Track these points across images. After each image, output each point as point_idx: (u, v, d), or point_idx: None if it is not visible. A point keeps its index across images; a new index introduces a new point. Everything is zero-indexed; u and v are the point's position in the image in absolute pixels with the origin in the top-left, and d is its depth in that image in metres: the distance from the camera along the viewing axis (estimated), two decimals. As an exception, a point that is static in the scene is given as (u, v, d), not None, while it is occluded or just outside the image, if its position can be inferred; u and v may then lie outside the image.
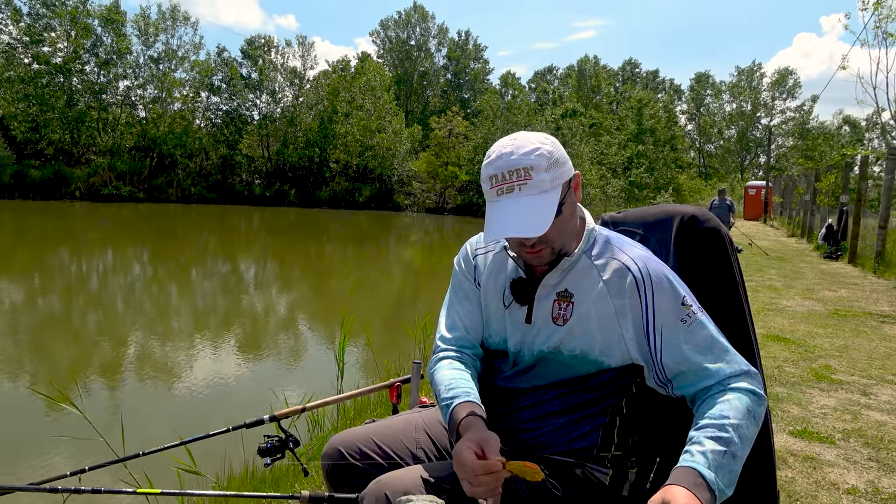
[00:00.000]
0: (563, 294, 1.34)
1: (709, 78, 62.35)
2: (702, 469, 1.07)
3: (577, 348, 1.32)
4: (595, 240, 1.38)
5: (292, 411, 1.90)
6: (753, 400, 1.21)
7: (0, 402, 5.23)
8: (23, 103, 32.05)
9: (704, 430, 1.14)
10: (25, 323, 8.16)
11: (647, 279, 1.29)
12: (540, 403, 1.37)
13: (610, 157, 42.60)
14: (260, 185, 39.77)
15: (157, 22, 36.83)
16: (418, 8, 58.37)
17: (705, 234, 1.44)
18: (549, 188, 1.26)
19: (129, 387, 5.78)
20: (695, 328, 1.26)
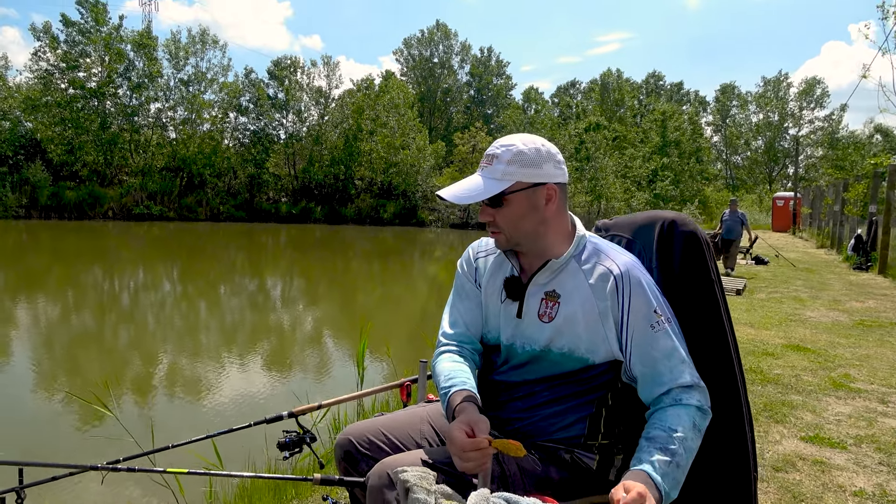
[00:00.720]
0: (551, 294, 1.47)
1: (734, 89, 61.83)
2: (650, 472, 1.21)
3: (566, 346, 1.45)
4: (585, 246, 1.50)
5: (310, 408, 2.04)
6: (699, 415, 1.35)
7: (39, 409, 5.47)
8: (59, 127, 33.14)
9: (653, 441, 1.29)
10: (61, 337, 8.47)
11: (627, 284, 1.41)
12: (531, 395, 1.50)
13: (634, 170, 42.41)
14: (287, 202, 40.41)
15: (187, 45, 37.86)
16: (441, 26, 59.08)
17: (683, 237, 1.56)
18: (500, 178, 1.43)
19: (159, 394, 5.99)
20: (660, 335, 1.39)
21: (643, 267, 1.49)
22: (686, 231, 1.56)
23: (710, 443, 1.47)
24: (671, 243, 1.56)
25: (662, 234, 1.58)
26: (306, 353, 8.32)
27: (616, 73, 60.32)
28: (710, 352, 1.51)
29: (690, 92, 66.32)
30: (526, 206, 1.45)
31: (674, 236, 1.57)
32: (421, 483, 1.18)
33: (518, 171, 1.42)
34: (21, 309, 10.33)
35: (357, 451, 1.57)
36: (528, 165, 1.43)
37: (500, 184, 1.42)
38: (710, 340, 1.51)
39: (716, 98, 63.19)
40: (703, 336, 1.51)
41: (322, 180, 40.89)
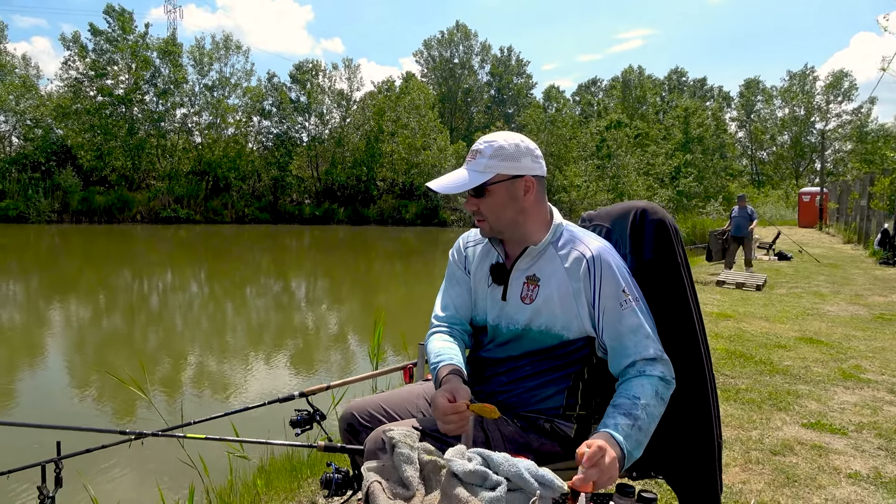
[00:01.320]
0: (532, 277, 1.63)
1: (759, 83, 60.84)
2: (613, 433, 1.35)
3: (543, 325, 1.60)
4: (562, 233, 1.66)
5: (318, 388, 2.20)
6: (662, 385, 1.48)
7: (74, 393, 5.75)
8: (88, 133, 33.98)
9: (618, 407, 1.42)
10: (93, 335, 8.79)
11: (599, 267, 1.56)
12: (514, 370, 1.65)
13: (657, 167, 42.06)
14: (310, 204, 40.88)
15: (212, 52, 38.53)
16: (461, 27, 59.19)
17: (652, 224, 1.69)
18: (483, 170, 1.58)
19: (186, 382, 6.23)
20: (627, 313, 1.53)
21: (615, 251, 1.63)
22: (655, 219, 1.69)
23: (676, 413, 1.60)
24: (642, 231, 1.70)
25: (635, 222, 1.72)
26: (327, 346, 8.53)
27: (638, 70, 59.84)
28: (677, 330, 1.63)
29: (714, 88, 65.52)
30: (506, 197, 1.60)
31: (645, 224, 1.70)
32: (405, 440, 1.33)
33: (498, 164, 1.57)
34: (55, 310, 10.72)
35: (358, 423, 1.74)
36: (508, 159, 1.58)
37: (483, 175, 1.57)
38: (677, 320, 1.64)
39: (740, 93, 62.26)
40: (671, 316, 1.64)
41: (344, 182, 41.30)
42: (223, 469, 3.24)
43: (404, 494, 1.24)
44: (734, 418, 3.64)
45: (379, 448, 1.44)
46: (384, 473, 1.29)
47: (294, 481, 2.99)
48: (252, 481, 3.02)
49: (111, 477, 3.91)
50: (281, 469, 3.15)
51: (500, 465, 1.24)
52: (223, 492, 3.04)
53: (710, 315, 7.30)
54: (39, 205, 30.03)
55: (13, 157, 32.69)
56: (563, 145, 41.84)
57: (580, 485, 1.25)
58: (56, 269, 16.71)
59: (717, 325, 6.71)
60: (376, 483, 1.24)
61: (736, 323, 6.84)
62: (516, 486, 1.22)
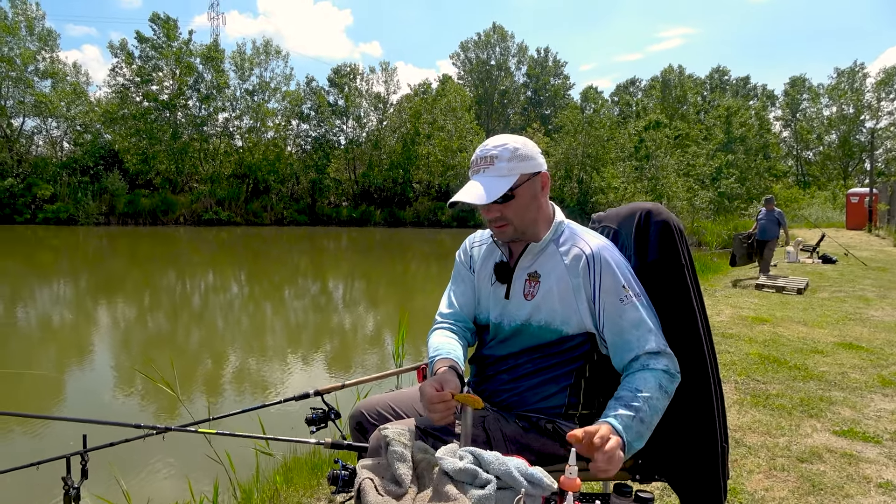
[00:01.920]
0: (533, 274, 1.65)
1: (805, 82, 59.08)
2: (613, 423, 1.36)
3: (543, 320, 1.61)
4: (563, 231, 1.68)
5: (333, 387, 2.24)
6: (665, 377, 1.48)
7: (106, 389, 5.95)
8: (134, 137, 35.04)
9: (620, 399, 1.43)
10: (137, 334, 9.07)
11: (598, 263, 1.57)
12: (515, 367, 1.66)
13: (697, 168, 41.23)
14: (347, 206, 41.36)
15: (252, 57, 39.33)
16: (497, 28, 59.09)
17: (657, 226, 1.68)
18: (506, 174, 1.57)
19: (222, 380, 6.39)
20: (629, 308, 1.54)
21: (615, 249, 1.64)
22: (659, 220, 1.68)
23: (679, 415, 1.58)
24: (647, 232, 1.69)
25: (640, 223, 1.71)
26: (360, 346, 8.62)
27: (678, 70, 58.79)
28: (680, 332, 1.62)
29: (757, 86, 63.87)
30: (529, 196, 1.61)
31: (649, 225, 1.69)
32: (398, 438, 1.35)
33: (519, 164, 1.58)
34: (101, 309, 11.09)
35: (367, 421, 1.77)
36: (526, 158, 1.59)
37: (510, 179, 1.57)
38: (680, 322, 1.62)
39: (785, 92, 60.53)
40: (674, 318, 1.62)
41: (381, 184, 41.66)
42: (250, 464, 3.32)
43: (396, 492, 1.26)
44: (762, 424, 3.56)
45: (381, 446, 1.46)
46: (377, 471, 1.32)
47: (314, 478, 3.05)
48: (273, 477, 3.09)
49: (138, 471, 4.04)
50: (303, 466, 3.22)
51: (491, 463, 1.25)
52: (246, 487, 3.12)
53: (745, 319, 7.14)
54: (88, 207, 31.08)
55: (64, 161, 33.93)
56: (600, 146, 41.37)
57: (593, 470, 1.27)
58: (103, 269, 17.28)
59: (752, 329, 6.56)
60: (367, 480, 1.27)
61: (772, 327, 6.68)
62: (506, 485, 1.23)
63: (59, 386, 6.38)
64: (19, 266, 17.12)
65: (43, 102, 32.83)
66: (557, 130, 45.08)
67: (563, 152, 41.89)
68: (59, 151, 35.90)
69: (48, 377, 6.58)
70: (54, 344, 8.34)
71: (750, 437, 3.38)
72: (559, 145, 42.48)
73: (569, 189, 41.96)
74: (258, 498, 2.95)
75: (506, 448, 1.55)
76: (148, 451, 4.12)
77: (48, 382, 6.42)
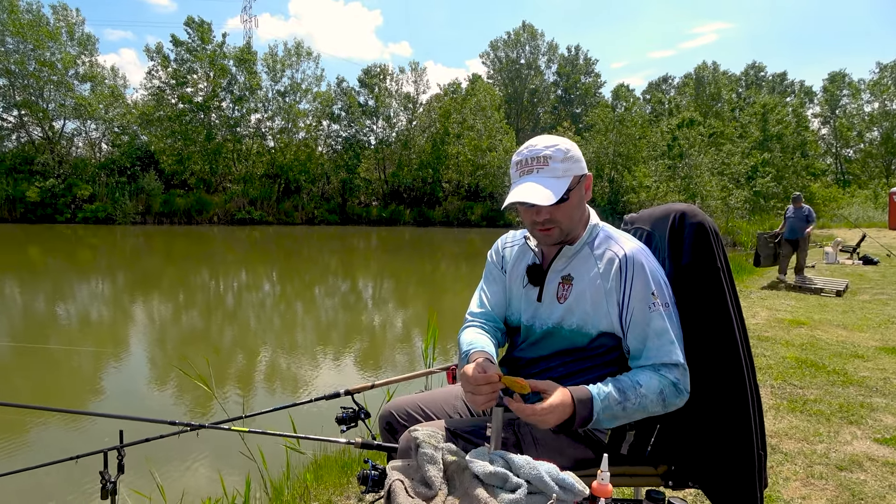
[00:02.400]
0: (566, 277, 1.63)
1: (844, 77, 57.51)
2: (594, 394, 1.40)
3: (574, 323, 1.60)
4: (598, 234, 1.65)
5: (363, 387, 2.25)
6: (670, 389, 1.47)
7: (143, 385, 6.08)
8: (170, 139, 35.78)
9: (618, 382, 1.45)
10: (171, 333, 9.25)
11: (631, 268, 1.55)
12: (547, 371, 1.64)
13: (732, 166, 40.44)
14: (377, 206, 41.60)
15: (284, 59, 39.80)
16: (527, 27, 58.79)
17: (691, 228, 1.65)
18: (561, 175, 1.55)
19: (254, 376, 6.48)
20: (654, 316, 1.51)
21: (650, 254, 1.61)
22: (694, 222, 1.65)
23: (715, 422, 1.55)
24: (681, 234, 1.66)
25: (674, 225, 1.68)
26: (389, 346, 8.67)
27: (712, 66, 57.76)
28: (716, 337, 1.58)
29: (795, 82, 62.44)
30: (578, 198, 1.61)
31: (684, 228, 1.66)
32: (429, 440, 1.35)
33: (572, 165, 1.57)
34: (137, 306, 11.35)
35: (396, 421, 1.78)
36: (577, 160, 1.59)
37: (564, 181, 1.55)
38: (716, 326, 1.59)
39: (824, 88, 59.04)
40: (709, 322, 1.59)
41: (411, 184, 41.81)
42: (280, 461, 3.36)
43: (426, 494, 1.26)
44: (799, 430, 3.47)
45: (410, 448, 1.47)
46: (407, 472, 1.32)
47: (343, 476, 3.07)
48: (303, 475, 3.12)
49: (172, 466, 4.12)
50: (332, 464, 3.25)
51: (522, 467, 1.24)
52: (277, 483, 3.16)
53: (782, 322, 6.99)
54: (125, 207, 31.80)
55: (102, 162, 34.80)
56: (632, 145, 40.86)
57: (508, 384, 1.37)
58: (140, 267, 17.67)
59: (788, 332, 6.41)
60: (398, 482, 1.27)
61: (810, 330, 6.52)
62: (537, 490, 1.22)
63: (95, 380, 6.55)
64: (62, 263, 17.61)
65: (82, 105, 33.71)
66: (588, 129, 44.66)
67: (593, 151, 41.47)
68: (97, 153, 36.82)
69: (87, 373, 6.75)
70: (92, 338, 8.55)
71: (786, 443, 3.30)
72: (590, 144, 42.08)
73: (599, 188, 41.55)
74: (289, 495, 2.98)
75: (536, 451, 1.54)
76: (182, 446, 4.19)
77: (85, 376, 6.60)
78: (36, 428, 4.94)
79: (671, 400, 1.47)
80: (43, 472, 2.13)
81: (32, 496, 3.72)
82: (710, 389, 1.58)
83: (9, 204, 29.86)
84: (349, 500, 2.91)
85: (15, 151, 32.92)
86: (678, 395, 1.48)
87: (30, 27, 31.52)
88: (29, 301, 11.49)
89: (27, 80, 32.41)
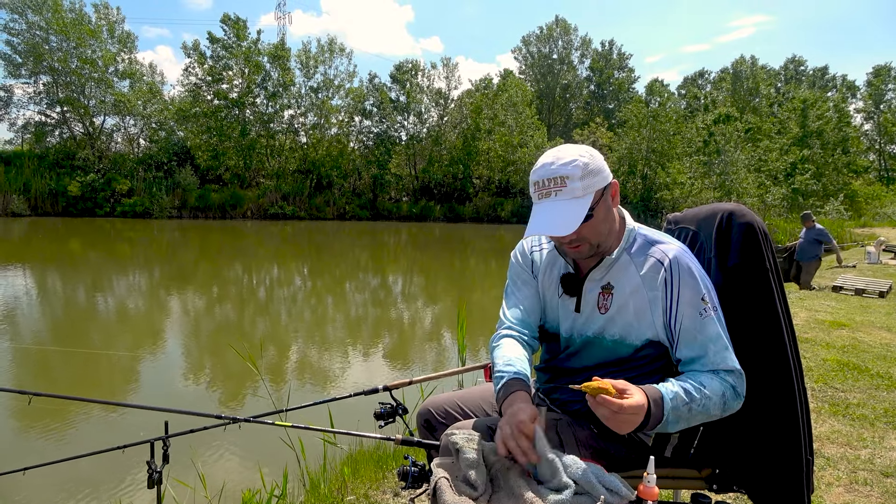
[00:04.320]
0: (606, 287, 1.58)
1: (890, 71, 55.70)
2: (666, 396, 1.35)
3: (617, 334, 1.56)
4: (635, 238, 1.59)
5: (402, 383, 2.27)
6: (730, 392, 1.43)
7: (184, 377, 6.22)
8: (205, 135, 36.41)
9: (683, 382, 1.40)
10: (206, 326, 9.44)
11: (677, 274, 1.49)
12: None
13: (770, 163, 39.57)
14: (408, 202, 41.74)
15: (317, 55, 40.15)
16: (560, 21, 58.27)
17: (740, 228, 1.62)
18: (581, 195, 1.46)
19: (291, 370, 6.58)
20: (707, 322, 1.47)
21: (692, 255, 1.55)
22: (743, 223, 1.62)
23: (762, 427, 1.52)
24: (729, 235, 1.63)
25: (721, 226, 1.64)
26: (420, 341, 8.72)
27: (750, 61, 56.54)
28: (764, 340, 1.55)
29: (836, 77, 60.68)
30: (604, 211, 1.53)
31: (731, 228, 1.62)
32: (468, 445, 1.36)
33: (592, 180, 1.48)
34: (173, 299, 11.60)
35: (434, 419, 1.79)
36: (597, 172, 1.49)
37: (585, 200, 1.47)
38: (764, 329, 1.56)
39: (867, 82, 57.24)
40: (757, 325, 1.56)
41: (441, 180, 41.85)
42: (316, 454, 3.41)
43: (471, 493, 1.27)
44: (841, 435, 3.39)
45: (449, 448, 1.47)
46: (452, 470, 1.33)
47: (379, 471, 3.11)
48: (340, 468, 3.16)
49: (214, 456, 4.21)
50: (368, 459, 3.29)
51: (569, 466, 1.24)
52: (314, 476, 3.21)
53: (822, 323, 6.82)
54: (162, 201, 32.48)
55: (140, 157, 35.57)
56: (666, 141, 40.24)
57: (592, 391, 1.30)
58: (176, 260, 18.05)
59: (829, 334, 6.26)
60: (443, 479, 1.28)
61: (851, 332, 6.35)
62: (583, 490, 1.22)
63: (140, 371, 6.72)
64: (101, 256, 18.08)
65: (122, 102, 34.49)
66: (621, 125, 44.14)
67: (626, 147, 40.99)
68: (135, 148, 37.62)
69: (128, 365, 6.93)
70: (133, 332, 8.77)
71: (829, 447, 3.23)
72: (623, 140, 41.61)
73: (632, 185, 41.06)
74: (326, 488, 3.02)
75: (579, 453, 1.53)
76: (221, 437, 4.29)
77: (130, 368, 6.77)
78: (78, 419, 5.10)
79: (731, 404, 1.43)
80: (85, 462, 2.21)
81: (79, 485, 3.84)
82: (758, 393, 1.55)
83: (52, 198, 30.75)
84: (385, 495, 2.94)
85: (58, 147, 33.84)
86: (736, 399, 1.44)
87: (73, 26, 32.34)
88: (71, 294, 11.83)
89: (69, 78, 33.26)
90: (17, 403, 5.22)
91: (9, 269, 14.33)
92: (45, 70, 32.89)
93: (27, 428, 4.89)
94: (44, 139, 33.92)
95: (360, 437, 1.98)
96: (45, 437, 4.71)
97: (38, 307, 10.13)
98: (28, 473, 2.19)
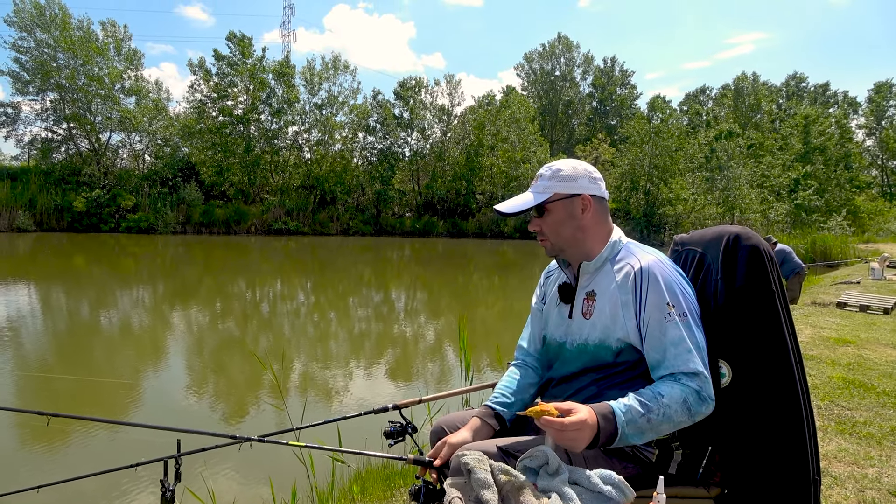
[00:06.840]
0: (590, 293, 1.70)
1: (891, 87, 55.99)
2: (617, 410, 1.42)
3: (598, 338, 1.65)
4: (620, 250, 1.72)
5: (411, 402, 2.29)
6: (693, 397, 1.48)
7: (193, 397, 6.23)
8: (210, 151, 36.66)
9: (639, 395, 1.47)
10: (209, 342, 9.46)
11: (645, 279, 1.59)
12: (579, 390, 1.69)
13: (772, 179, 39.67)
14: (411, 217, 41.89)
15: (321, 72, 40.50)
16: (562, 38, 58.77)
17: (745, 250, 1.66)
18: (542, 191, 1.73)
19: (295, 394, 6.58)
20: (670, 326, 1.54)
21: (668, 267, 1.64)
22: (749, 245, 1.66)
23: (770, 447, 1.54)
24: (735, 257, 1.67)
25: (727, 248, 1.69)
26: (425, 358, 8.71)
27: (752, 77, 56.86)
28: (770, 361, 1.58)
29: (838, 93, 60.98)
30: (564, 214, 1.71)
31: (738, 250, 1.67)
32: (479, 465, 1.39)
33: (556, 184, 1.70)
34: (177, 314, 11.63)
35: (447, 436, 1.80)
36: (565, 180, 1.70)
37: (542, 195, 1.70)
38: (770, 350, 1.59)
39: (869, 98, 57.56)
40: (763, 346, 1.59)
41: (444, 195, 42.00)
42: (324, 472, 3.42)
43: (484, 512, 1.29)
44: (848, 454, 3.39)
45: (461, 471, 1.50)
46: (464, 490, 1.35)
47: (387, 490, 3.11)
48: (349, 487, 3.17)
49: (224, 473, 4.22)
50: (377, 477, 3.30)
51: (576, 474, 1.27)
52: (323, 495, 3.21)
53: (827, 340, 6.82)
54: (166, 217, 32.64)
55: (145, 173, 35.81)
56: (668, 157, 40.37)
57: (535, 415, 1.39)
58: (180, 276, 18.11)
59: (834, 351, 6.25)
60: (457, 499, 1.30)
61: (857, 349, 6.35)
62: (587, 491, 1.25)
63: (146, 390, 6.73)
64: (106, 272, 18.14)
65: (128, 118, 34.81)
66: (623, 141, 44.32)
67: (629, 163, 41.12)
68: (140, 164, 37.89)
69: (136, 383, 6.95)
70: (138, 349, 8.79)
71: (835, 466, 3.23)
72: (625, 156, 41.76)
73: (635, 200, 41.14)
74: (334, 506, 3.04)
75: (586, 467, 1.55)
76: (231, 455, 4.29)
77: (138, 386, 6.78)
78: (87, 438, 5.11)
79: (696, 409, 1.48)
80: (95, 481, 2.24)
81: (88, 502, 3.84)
82: (765, 414, 1.58)
83: (57, 213, 30.95)
84: (392, 513, 2.95)
85: (63, 163, 34.10)
86: (703, 404, 1.49)
87: (80, 43, 32.72)
88: (75, 311, 11.87)
89: (76, 95, 33.60)
90: (31, 423, 5.23)
91: (14, 284, 14.40)
92: (52, 87, 33.22)
93: (40, 447, 4.90)
94: (50, 155, 34.19)
95: (368, 455, 2.00)
96: (56, 455, 4.72)
97: (42, 325, 10.17)
98: (42, 491, 2.21)
